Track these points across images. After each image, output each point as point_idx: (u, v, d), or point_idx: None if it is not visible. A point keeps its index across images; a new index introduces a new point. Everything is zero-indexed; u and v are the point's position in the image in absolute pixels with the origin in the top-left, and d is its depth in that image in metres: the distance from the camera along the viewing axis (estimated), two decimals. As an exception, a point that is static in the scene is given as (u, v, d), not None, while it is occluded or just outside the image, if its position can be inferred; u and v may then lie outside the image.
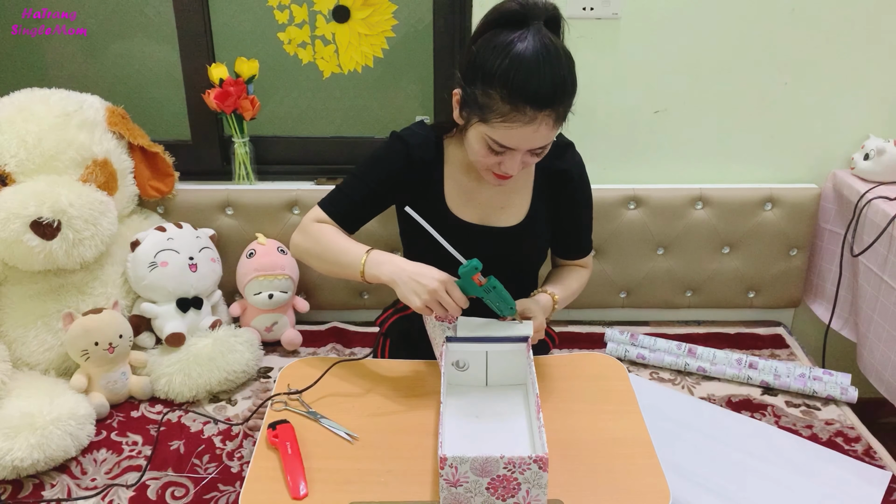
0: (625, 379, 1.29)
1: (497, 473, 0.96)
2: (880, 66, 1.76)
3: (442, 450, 0.96)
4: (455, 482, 0.96)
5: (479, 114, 1.16)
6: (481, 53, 1.14)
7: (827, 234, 1.84)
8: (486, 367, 1.24)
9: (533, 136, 1.14)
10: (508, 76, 1.10)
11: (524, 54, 1.10)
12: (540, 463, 0.95)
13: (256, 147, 1.86)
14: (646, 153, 1.85)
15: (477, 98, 1.15)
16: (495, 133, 1.15)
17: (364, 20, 1.79)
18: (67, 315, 1.48)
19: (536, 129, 1.13)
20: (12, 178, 1.50)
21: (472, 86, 1.16)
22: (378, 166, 1.35)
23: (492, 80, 1.12)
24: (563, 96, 1.13)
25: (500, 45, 1.12)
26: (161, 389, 1.53)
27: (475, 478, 0.96)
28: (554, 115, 1.13)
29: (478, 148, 1.20)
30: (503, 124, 1.13)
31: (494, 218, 1.36)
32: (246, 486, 1.05)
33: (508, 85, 1.10)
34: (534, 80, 1.10)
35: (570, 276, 1.45)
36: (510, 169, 1.20)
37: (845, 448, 1.44)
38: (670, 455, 1.21)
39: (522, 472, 0.96)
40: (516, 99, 1.11)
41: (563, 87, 1.13)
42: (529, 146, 1.17)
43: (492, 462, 0.95)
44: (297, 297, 1.82)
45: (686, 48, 1.74)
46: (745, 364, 1.67)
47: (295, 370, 1.30)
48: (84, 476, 1.33)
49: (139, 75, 1.86)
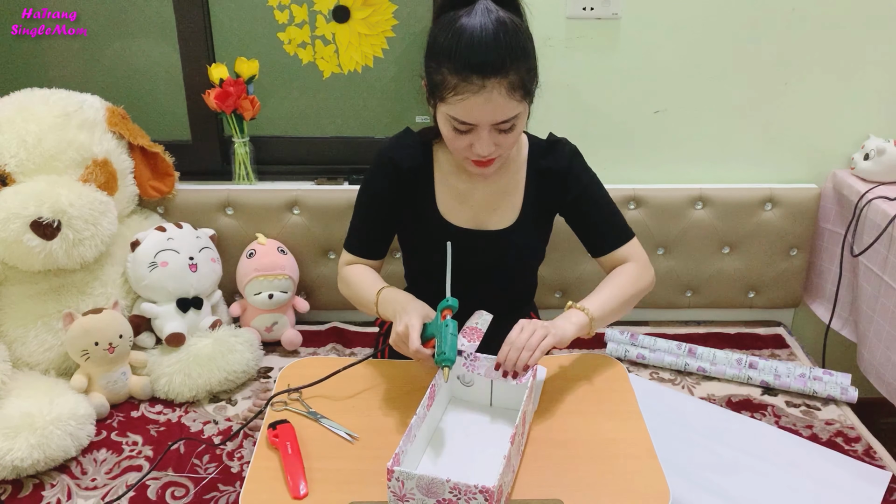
0: (625, 379, 1.29)
1: (443, 497, 0.92)
2: (880, 66, 1.76)
3: (390, 461, 0.94)
4: (402, 497, 0.94)
5: (437, 94, 1.17)
6: (432, 37, 1.18)
7: (827, 234, 1.84)
8: (491, 387, 1.19)
9: (486, 107, 1.14)
10: (453, 48, 1.12)
11: (467, 25, 1.12)
12: (486, 495, 0.90)
13: (256, 147, 1.86)
14: (646, 153, 1.85)
15: (433, 78, 1.17)
16: (452, 110, 1.15)
17: (364, 20, 1.79)
18: (67, 315, 1.48)
19: (488, 98, 1.12)
20: (12, 178, 1.50)
21: (429, 68, 1.18)
22: (371, 189, 1.37)
23: (441, 56, 1.14)
24: (510, 62, 1.12)
25: (447, 23, 1.15)
26: (161, 389, 1.53)
27: (421, 496, 0.93)
28: (505, 82, 1.12)
29: (446, 132, 1.21)
30: (456, 97, 1.14)
31: (486, 220, 1.35)
32: (246, 486, 1.05)
33: (453, 57, 1.12)
34: (476, 47, 1.11)
35: (609, 280, 1.33)
36: (481, 149, 1.19)
37: (845, 448, 1.44)
38: (670, 455, 1.21)
39: (468, 501, 0.91)
40: (462, 69, 1.11)
41: (510, 51, 1.12)
42: (488, 119, 1.15)
43: (437, 484, 0.91)
44: (297, 298, 1.82)
45: (686, 48, 1.74)
46: (745, 364, 1.67)
47: (295, 370, 1.30)
48: (84, 476, 1.33)
49: (139, 75, 1.86)
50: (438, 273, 1.19)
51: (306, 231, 1.80)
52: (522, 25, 1.17)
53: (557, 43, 1.72)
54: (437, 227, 1.34)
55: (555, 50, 1.73)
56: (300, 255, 1.81)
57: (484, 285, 1.35)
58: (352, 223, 1.42)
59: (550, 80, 1.75)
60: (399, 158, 1.33)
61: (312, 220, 1.80)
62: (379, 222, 1.39)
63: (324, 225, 1.80)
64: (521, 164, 1.36)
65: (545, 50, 1.73)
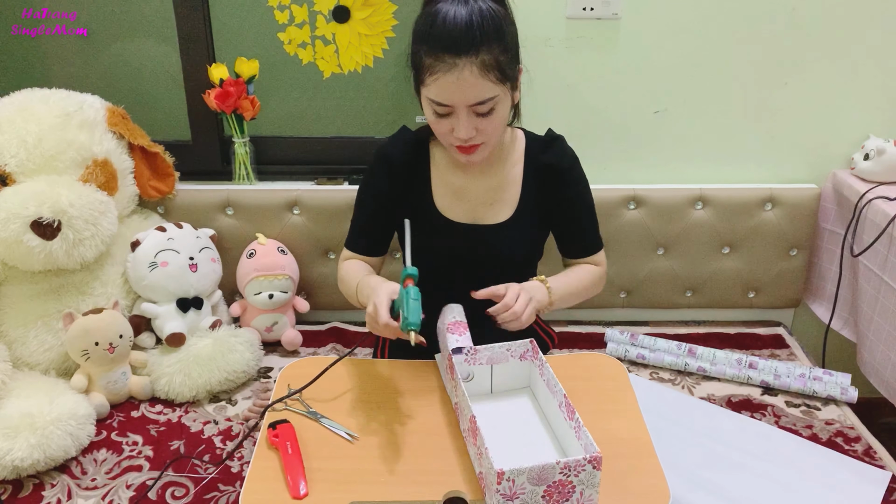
0: (625, 379, 1.29)
1: (553, 480, 0.95)
2: (880, 66, 1.76)
3: (496, 464, 0.94)
4: (512, 495, 0.95)
5: (418, 78, 1.20)
6: (415, 23, 1.20)
7: (827, 234, 1.84)
8: (492, 375, 1.23)
9: (459, 86, 1.15)
10: (426, 29, 1.15)
11: (442, 8, 1.14)
12: (594, 463, 0.96)
13: (256, 147, 1.86)
14: (646, 153, 1.85)
15: (414, 64, 1.20)
16: (430, 91, 1.18)
17: (364, 20, 1.79)
18: (67, 315, 1.48)
19: (459, 76, 1.13)
20: (12, 178, 1.50)
21: (412, 56, 1.21)
22: (369, 187, 1.39)
23: (418, 40, 1.18)
24: (480, 39, 1.13)
25: (427, 10, 1.18)
26: (161, 389, 1.53)
27: (531, 487, 0.95)
28: (477, 61, 1.13)
29: (429, 116, 1.23)
30: (430, 78, 1.16)
31: (483, 215, 1.36)
32: (246, 486, 1.05)
33: (427, 37, 1.15)
34: (447, 26, 1.13)
35: (575, 270, 1.42)
36: (461, 132, 1.19)
37: (845, 448, 1.44)
38: (670, 455, 1.21)
39: (577, 475, 0.96)
40: (434, 48, 1.14)
41: (480, 29, 1.13)
42: (462, 99, 1.16)
43: (548, 469, 0.94)
44: (297, 298, 1.82)
45: (686, 48, 1.74)
46: (745, 364, 1.67)
47: (295, 370, 1.30)
48: (84, 476, 1.33)
49: (139, 75, 1.86)
50: (438, 268, 1.20)
51: (306, 231, 1.80)
52: (501, 11, 1.17)
53: (557, 43, 1.72)
54: (434, 222, 1.35)
55: (555, 50, 1.73)
56: (300, 255, 1.81)
57: (482, 279, 1.34)
58: (352, 222, 1.44)
59: (550, 80, 1.77)
60: (394, 155, 1.35)
61: (312, 220, 1.80)
62: (377, 220, 1.40)
63: (324, 225, 1.80)
64: (518, 158, 1.37)
65: (545, 50, 1.73)
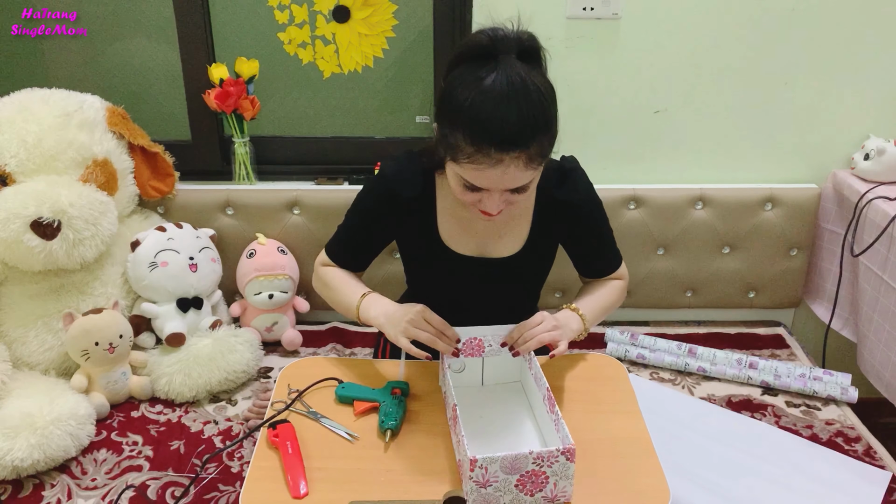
0: (625, 379, 1.29)
1: (526, 469, 0.97)
2: (880, 66, 1.76)
3: (469, 452, 0.96)
4: (485, 483, 0.97)
5: (449, 153, 1.11)
6: (448, 90, 1.09)
7: (827, 234, 1.84)
8: (483, 368, 1.25)
9: (503, 178, 1.08)
10: (470, 116, 1.05)
11: (487, 92, 1.04)
12: (568, 454, 0.97)
13: (256, 147, 1.86)
14: (646, 153, 1.85)
15: (447, 137, 1.10)
16: (465, 173, 1.10)
17: (364, 20, 1.79)
18: (67, 315, 1.48)
19: (505, 171, 1.07)
20: (12, 178, 1.50)
21: (442, 124, 1.12)
22: (366, 212, 1.32)
23: (456, 120, 1.07)
24: (531, 135, 1.05)
25: (465, 83, 1.06)
26: (161, 389, 1.53)
27: (504, 476, 0.97)
28: (524, 156, 1.06)
29: (454, 185, 1.16)
30: (470, 165, 1.08)
31: (491, 248, 1.31)
32: (246, 486, 1.05)
33: (471, 126, 1.05)
34: (496, 120, 1.03)
35: (601, 290, 1.38)
36: (490, 208, 1.15)
37: (845, 448, 1.44)
38: (670, 455, 1.21)
39: (551, 465, 0.98)
40: (479, 140, 1.05)
41: (532, 126, 1.05)
42: (502, 187, 1.11)
43: (521, 459, 0.96)
44: (297, 298, 1.82)
45: (686, 48, 1.74)
46: (746, 364, 1.67)
47: (295, 370, 1.30)
48: (84, 476, 1.33)
49: (139, 75, 1.86)
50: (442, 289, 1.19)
51: (306, 231, 1.80)
52: (546, 86, 1.09)
53: (557, 43, 1.72)
54: (439, 254, 1.31)
55: (555, 50, 1.73)
56: (300, 255, 1.81)
57: (488, 309, 1.33)
58: (339, 231, 1.37)
59: (550, 79, 1.77)
60: (400, 189, 1.27)
61: (312, 220, 1.80)
62: (366, 241, 1.36)
63: (324, 225, 1.80)
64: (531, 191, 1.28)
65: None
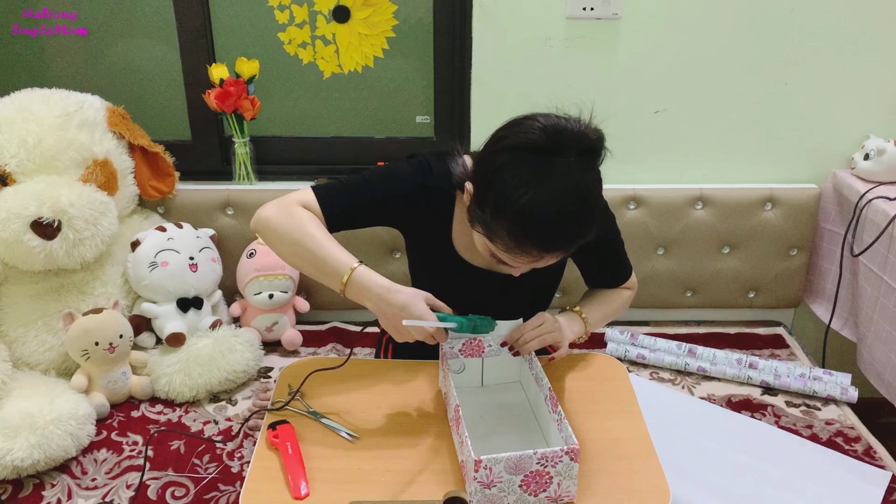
0: (625, 379, 1.29)
1: (530, 470, 0.97)
2: (880, 66, 1.76)
3: (473, 453, 0.96)
4: (489, 483, 0.97)
5: (484, 229, 1.07)
6: (497, 176, 1.02)
7: (827, 234, 1.84)
8: (482, 368, 1.25)
9: (537, 265, 1.10)
10: (519, 220, 1.01)
11: (539, 199, 0.99)
12: (572, 454, 0.97)
13: (256, 147, 1.86)
14: (646, 153, 1.85)
15: (485, 218, 1.05)
16: (499, 253, 1.09)
17: (364, 20, 1.79)
18: (68, 315, 1.48)
19: (541, 261, 1.08)
20: (12, 178, 1.50)
21: (482, 204, 1.05)
22: (394, 190, 1.22)
23: (502, 213, 1.02)
24: (577, 241, 1.05)
25: (517, 181, 1.00)
26: (161, 389, 1.53)
27: (508, 476, 0.97)
28: (565, 252, 1.08)
29: (481, 248, 1.14)
30: (507, 255, 1.07)
31: None
32: (246, 486, 1.05)
33: (517, 226, 1.01)
34: (545, 231, 1.01)
35: (607, 298, 1.39)
36: (517, 273, 1.16)
37: (845, 448, 1.44)
38: (670, 455, 1.21)
39: (555, 466, 0.97)
40: (523, 242, 1.03)
41: (580, 235, 1.04)
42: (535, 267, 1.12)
43: (525, 459, 0.96)
44: (297, 297, 1.82)
45: (686, 48, 1.74)
46: (745, 364, 1.67)
47: (295, 370, 1.30)
48: (84, 476, 1.33)
49: (139, 75, 1.86)
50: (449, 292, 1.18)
51: (306, 231, 1.80)
52: (597, 187, 1.06)
53: (557, 43, 1.72)
54: (452, 262, 1.30)
55: (555, 50, 1.73)
56: (300, 255, 1.80)
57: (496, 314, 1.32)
58: (343, 183, 1.24)
59: (550, 80, 1.77)
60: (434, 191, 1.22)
61: (312, 220, 1.80)
62: (373, 210, 1.24)
63: (324, 225, 1.80)
64: None
65: (545, 50, 1.73)
